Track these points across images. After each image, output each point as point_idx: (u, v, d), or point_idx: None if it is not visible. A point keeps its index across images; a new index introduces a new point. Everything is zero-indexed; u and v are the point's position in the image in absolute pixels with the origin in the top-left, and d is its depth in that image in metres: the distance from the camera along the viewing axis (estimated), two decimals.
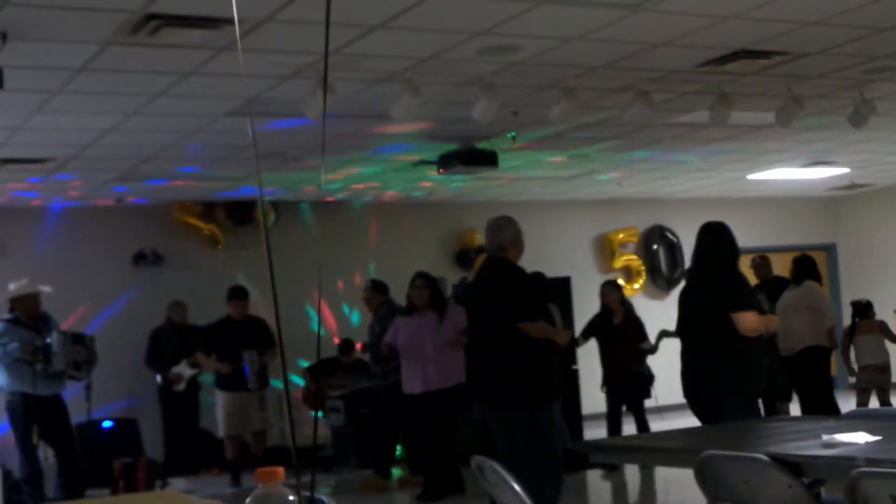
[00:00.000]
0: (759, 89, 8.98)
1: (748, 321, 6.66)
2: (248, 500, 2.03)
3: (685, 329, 7.01)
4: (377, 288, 11.02)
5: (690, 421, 6.96)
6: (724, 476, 4.07)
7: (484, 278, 7.61)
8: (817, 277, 10.93)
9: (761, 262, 12.12)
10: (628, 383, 11.19)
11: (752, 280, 11.85)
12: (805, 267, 10.94)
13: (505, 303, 7.11)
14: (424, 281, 9.88)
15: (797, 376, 10.86)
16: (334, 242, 14.32)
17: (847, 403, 11.73)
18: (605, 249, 16.34)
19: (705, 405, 6.69)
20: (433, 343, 9.55)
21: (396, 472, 10.92)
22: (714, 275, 6.87)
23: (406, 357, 9.74)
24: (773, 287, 11.49)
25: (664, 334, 11.14)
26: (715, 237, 6.97)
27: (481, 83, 8.00)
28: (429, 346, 9.56)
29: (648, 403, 11.45)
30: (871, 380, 11.44)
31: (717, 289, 6.80)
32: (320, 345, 10.63)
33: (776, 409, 11.24)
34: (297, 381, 13.26)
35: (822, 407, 10.18)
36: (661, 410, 12.10)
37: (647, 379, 11.35)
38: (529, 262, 15.18)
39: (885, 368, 11.52)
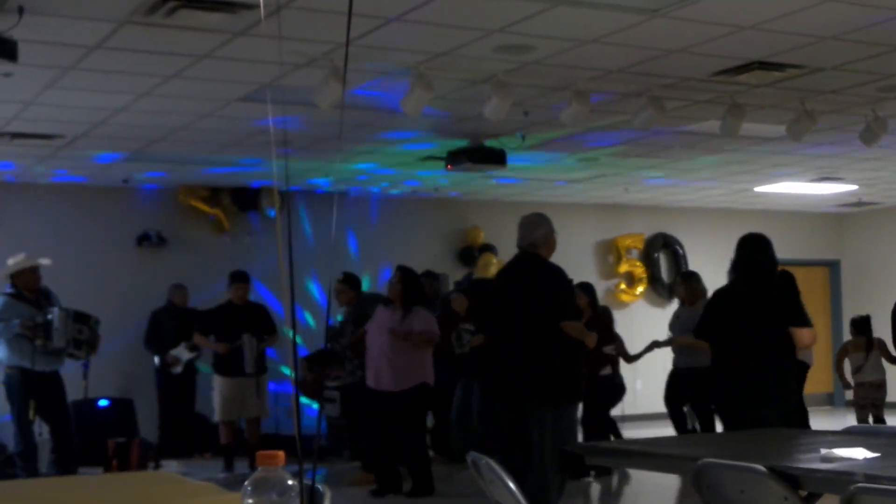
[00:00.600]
0: (771, 101, 8.98)
1: (808, 336, 6.79)
2: (247, 481, 2.02)
3: (725, 337, 6.94)
4: (347, 281, 10.86)
5: (666, 430, 6.93)
6: (721, 485, 4.06)
7: (517, 274, 7.50)
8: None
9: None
10: (592, 388, 10.64)
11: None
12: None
13: (547, 300, 7.15)
14: (400, 274, 9.61)
15: None
16: (338, 234, 14.31)
17: (845, 420, 11.74)
18: (609, 254, 16.33)
19: (749, 415, 6.61)
20: (389, 339, 9.25)
21: None
22: (764, 286, 6.90)
23: (367, 349, 9.54)
24: None
25: (655, 345, 11.12)
26: (761, 248, 6.98)
27: (494, 81, 7.99)
28: (385, 341, 9.27)
29: (630, 411, 11.36)
30: (867, 396, 11.40)
31: (773, 301, 6.84)
32: (328, 331, 10.55)
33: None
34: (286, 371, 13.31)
35: (792, 422, 10.09)
36: (643, 419, 12.04)
37: (615, 387, 10.89)
38: None
39: (881, 385, 11.47)
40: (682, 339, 10.53)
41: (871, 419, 11.31)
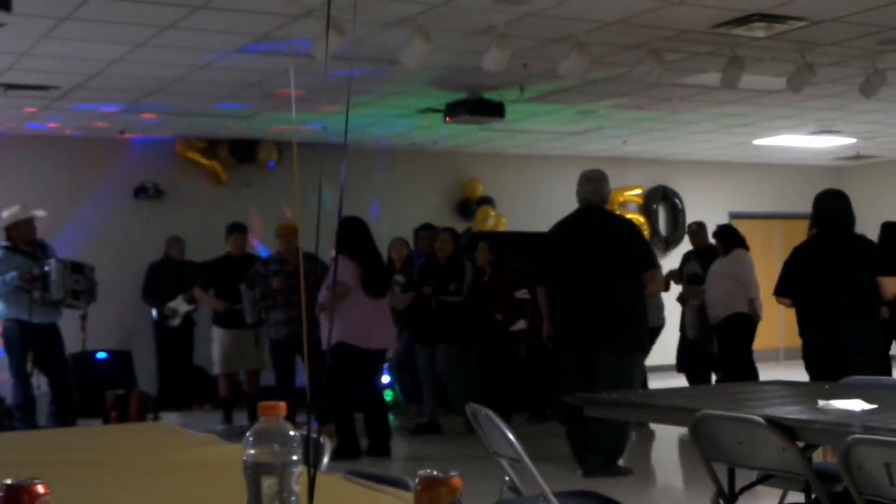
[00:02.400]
0: (771, 54, 8.93)
1: (894, 286, 7.01)
2: (248, 432, 2.02)
3: (813, 290, 7.10)
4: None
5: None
6: (719, 436, 4.08)
7: (591, 227, 7.91)
8: (745, 246, 10.81)
9: (697, 228, 11.71)
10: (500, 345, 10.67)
11: (688, 247, 11.99)
12: (731, 236, 10.82)
13: (630, 252, 7.74)
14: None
15: (721, 343, 10.83)
16: (336, 185, 14.29)
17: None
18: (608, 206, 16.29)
19: (840, 362, 6.76)
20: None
21: None
22: (849, 239, 7.12)
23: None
24: (707, 255, 11.23)
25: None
26: (843, 202, 7.23)
27: (493, 33, 7.95)
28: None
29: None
30: None
31: (861, 252, 7.07)
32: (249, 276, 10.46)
33: (708, 378, 11.09)
34: None
35: (741, 374, 10.15)
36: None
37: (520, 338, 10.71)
38: (529, 216, 15.29)
39: None
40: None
41: None
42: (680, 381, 11.57)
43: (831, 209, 7.22)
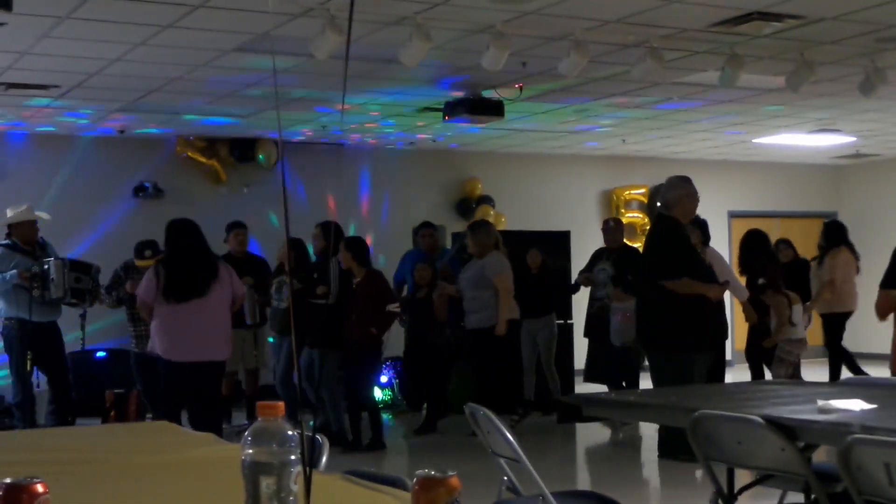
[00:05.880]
0: (770, 52, 8.93)
1: None
2: (247, 432, 2.02)
3: None
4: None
5: None
6: (718, 436, 4.07)
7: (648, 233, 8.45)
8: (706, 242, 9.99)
9: (615, 225, 11.17)
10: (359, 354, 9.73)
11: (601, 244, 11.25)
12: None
13: (649, 258, 8.12)
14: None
15: None
16: (334, 184, 14.30)
17: (844, 372, 11.72)
18: (609, 205, 16.30)
19: None
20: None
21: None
22: None
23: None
24: (622, 255, 10.74)
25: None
26: None
27: (492, 31, 7.94)
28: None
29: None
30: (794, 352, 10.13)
31: None
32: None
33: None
34: None
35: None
36: None
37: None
38: (528, 214, 15.31)
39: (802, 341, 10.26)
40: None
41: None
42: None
43: None
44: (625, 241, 11.35)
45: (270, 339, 11.00)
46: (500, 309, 9.93)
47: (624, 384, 10.59)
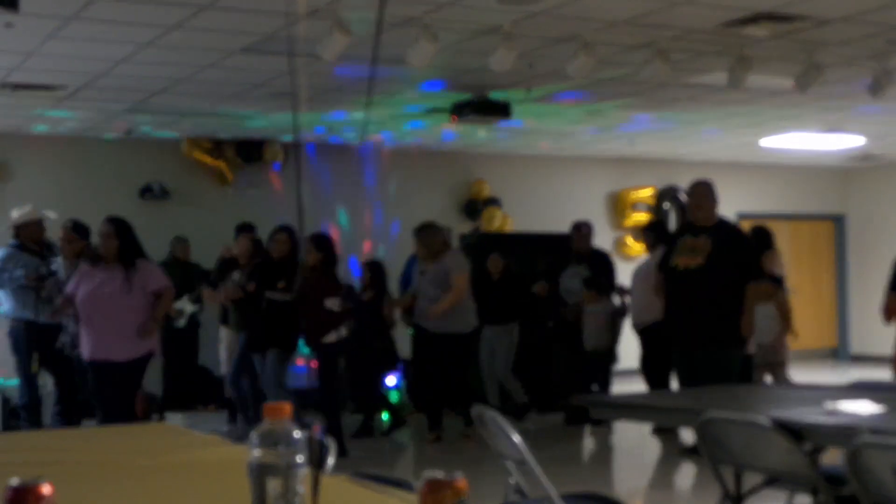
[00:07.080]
0: (779, 53, 8.91)
1: None
2: (252, 433, 2.01)
3: None
4: (77, 230, 9.64)
5: None
6: (725, 438, 4.06)
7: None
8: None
9: (587, 231, 11.11)
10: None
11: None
12: (659, 236, 10.26)
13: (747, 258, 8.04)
14: (111, 227, 8.04)
15: (646, 349, 10.37)
16: (341, 186, 14.30)
17: (848, 374, 11.69)
18: (617, 207, 16.27)
19: None
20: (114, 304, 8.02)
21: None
22: None
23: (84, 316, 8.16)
24: (593, 259, 10.84)
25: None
26: None
27: (499, 33, 7.93)
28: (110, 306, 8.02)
29: None
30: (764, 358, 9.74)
31: None
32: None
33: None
34: None
35: (661, 383, 9.94)
36: None
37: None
38: (536, 216, 15.27)
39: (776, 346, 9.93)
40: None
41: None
42: None
43: None
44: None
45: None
46: (446, 300, 9.82)
47: (596, 389, 10.61)
